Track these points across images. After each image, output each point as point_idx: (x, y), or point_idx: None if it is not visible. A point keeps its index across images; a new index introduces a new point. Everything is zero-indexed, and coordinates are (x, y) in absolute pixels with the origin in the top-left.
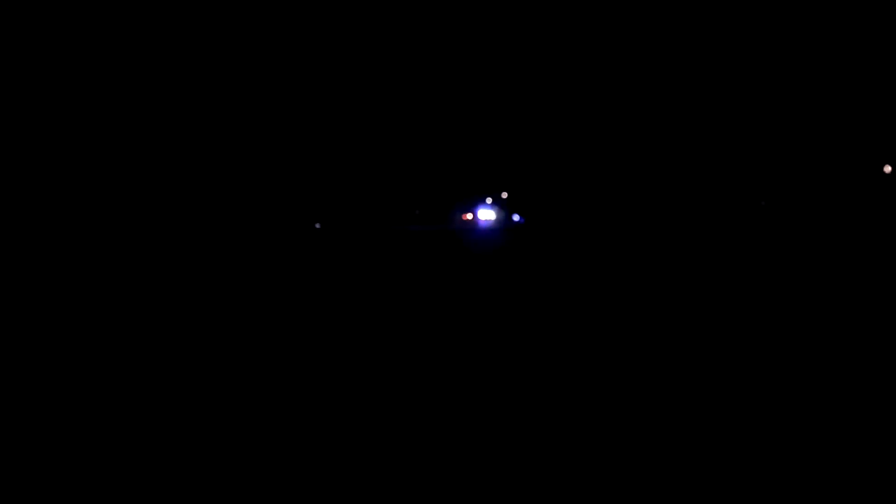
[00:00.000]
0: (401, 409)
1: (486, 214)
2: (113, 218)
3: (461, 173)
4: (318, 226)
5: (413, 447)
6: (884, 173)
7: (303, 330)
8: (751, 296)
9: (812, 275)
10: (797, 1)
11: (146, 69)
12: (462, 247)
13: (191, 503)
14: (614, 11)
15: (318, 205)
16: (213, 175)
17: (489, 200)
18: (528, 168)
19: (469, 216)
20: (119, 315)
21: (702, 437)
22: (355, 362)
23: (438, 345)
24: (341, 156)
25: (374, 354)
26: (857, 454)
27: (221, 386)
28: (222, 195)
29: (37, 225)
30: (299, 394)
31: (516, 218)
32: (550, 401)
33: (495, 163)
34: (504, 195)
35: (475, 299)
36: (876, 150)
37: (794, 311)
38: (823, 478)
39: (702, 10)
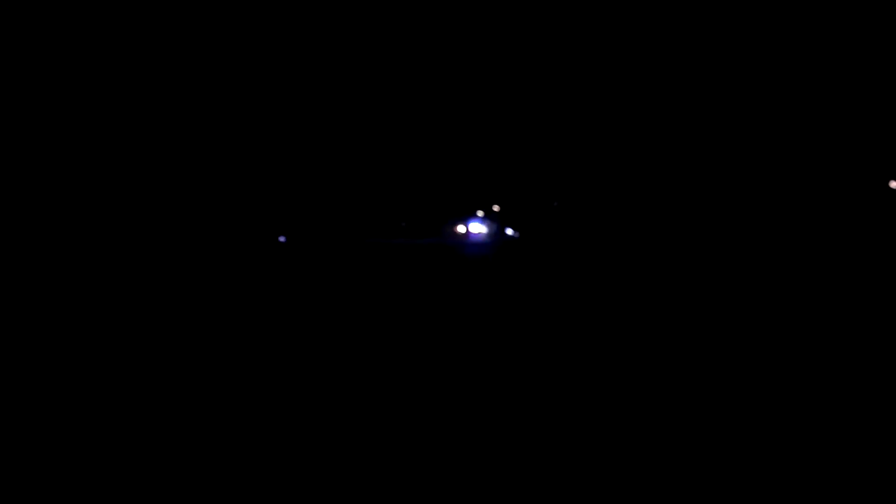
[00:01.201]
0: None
1: (478, 228)
2: (87, 222)
3: (451, 184)
4: (281, 239)
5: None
6: (890, 188)
7: (268, 358)
8: (749, 305)
9: (811, 279)
10: (799, 4)
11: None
12: (453, 263)
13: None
14: (609, 29)
15: (282, 213)
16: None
17: (480, 213)
18: (521, 181)
19: (462, 229)
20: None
21: (702, 438)
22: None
23: (419, 372)
24: (312, 156)
25: (345, 386)
26: (857, 454)
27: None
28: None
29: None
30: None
31: (510, 232)
32: (550, 417)
33: (487, 175)
34: (496, 208)
35: (464, 323)
36: (880, 160)
37: (795, 313)
38: (823, 478)
39: (700, 20)
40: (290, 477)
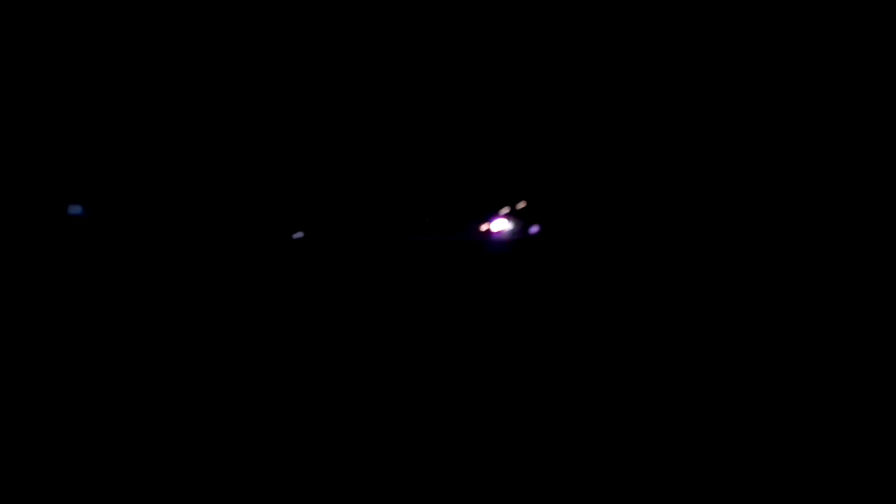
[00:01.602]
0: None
1: (502, 225)
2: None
3: (476, 180)
4: (298, 235)
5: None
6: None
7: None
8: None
9: (811, 279)
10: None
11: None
12: (476, 261)
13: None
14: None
15: (298, 207)
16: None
17: (505, 210)
18: (545, 178)
19: (488, 226)
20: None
21: (703, 438)
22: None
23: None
24: (330, 149)
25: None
26: (857, 454)
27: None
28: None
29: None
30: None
31: (535, 229)
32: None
33: (512, 172)
34: (522, 205)
35: (483, 323)
36: (880, 160)
37: (795, 312)
38: (823, 478)
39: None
40: (298, 473)
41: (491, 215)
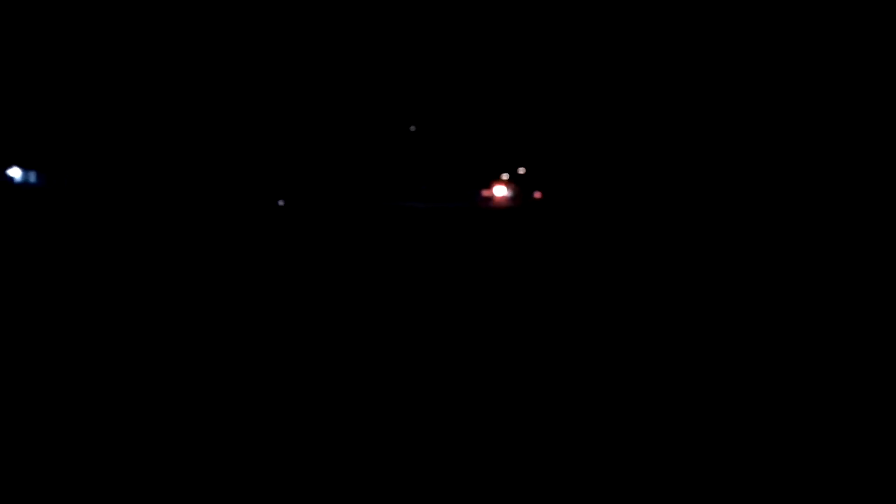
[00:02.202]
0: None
1: (502, 192)
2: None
3: (475, 146)
4: (281, 203)
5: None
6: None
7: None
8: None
9: (810, 278)
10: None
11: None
12: (475, 229)
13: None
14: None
15: (284, 175)
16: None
17: (505, 176)
18: (548, 142)
19: (490, 192)
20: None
21: (703, 438)
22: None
23: (432, 349)
24: (321, 113)
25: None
26: (857, 454)
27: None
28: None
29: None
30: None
31: (536, 195)
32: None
33: (512, 137)
34: (521, 171)
35: (482, 296)
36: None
37: (795, 312)
38: (823, 478)
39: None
40: (293, 464)
41: (491, 181)
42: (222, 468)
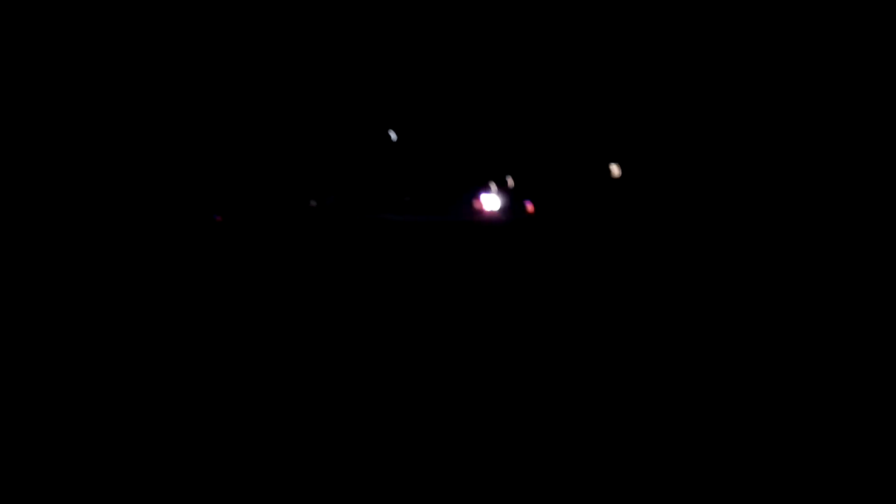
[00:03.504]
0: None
1: (489, 200)
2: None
3: (461, 154)
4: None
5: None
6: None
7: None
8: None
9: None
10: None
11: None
12: (463, 243)
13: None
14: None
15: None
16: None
17: (493, 186)
18: (538, 149)
19: (480, 203)
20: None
21: (703, 437)
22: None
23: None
24: (305, 119)
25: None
26: (857, 454)
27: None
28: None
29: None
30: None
31: (528, 204)
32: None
33: (499, 144)
34: (510, 180)
35: (472, 314)
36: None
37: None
38: (823, 478)
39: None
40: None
41: (479, 191)
42: (216, 470)
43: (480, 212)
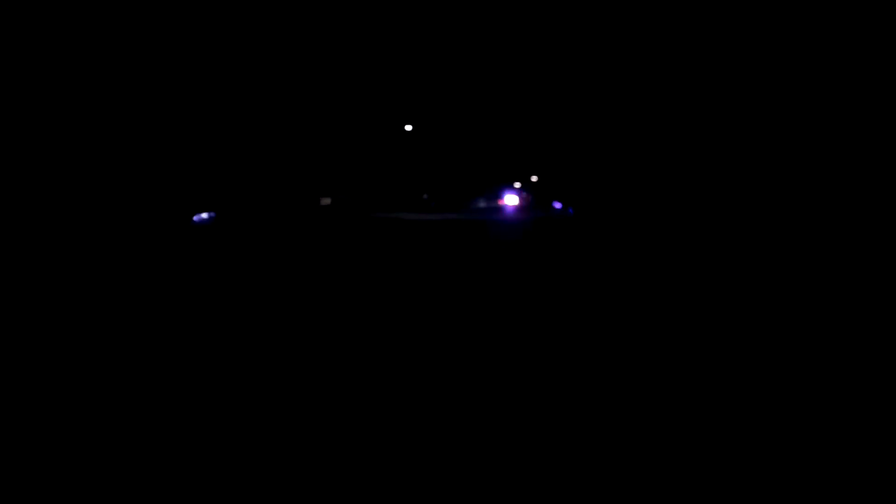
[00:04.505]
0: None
1: (512, 200)
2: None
3: (483, 152)
4: (204, 216)
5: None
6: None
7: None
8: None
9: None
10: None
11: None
12: (481, 243)
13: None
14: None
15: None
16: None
17: (517, 185)
18: (565, 147)
19: (504, 201)
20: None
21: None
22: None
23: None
24: (316, 118)
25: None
26: (857, 454)
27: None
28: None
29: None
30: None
31: (557, 206)
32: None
33: (522, 141)
34: (534, 178)
35: (491, 315)
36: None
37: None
38: (823, 478)
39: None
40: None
41: (501, 190)
42: (214, 467)
43: (502, 210)
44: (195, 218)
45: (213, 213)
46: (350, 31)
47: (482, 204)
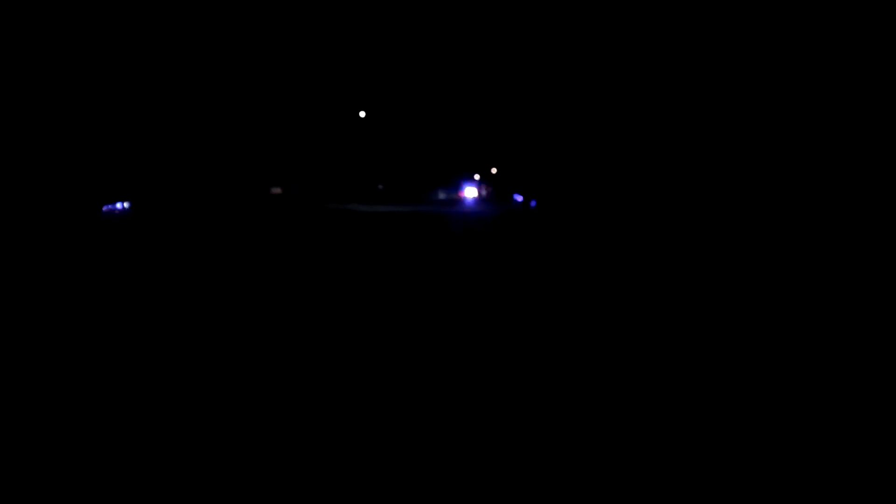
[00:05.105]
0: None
1: (472, 192)
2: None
3: (440, 142)
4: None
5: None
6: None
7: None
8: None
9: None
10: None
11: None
12: (439, 236)
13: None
14: None
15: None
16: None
17: (477, 177)
18: (526, 138)
19: (464, 193)
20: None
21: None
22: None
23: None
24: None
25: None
26: (857, 454)
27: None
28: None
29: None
30: None
31: (518, 199)
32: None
33: (481, 132)
34: (493, 171)
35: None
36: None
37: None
38: (823, 478)
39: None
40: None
41: (460, 182)
42: (208, 471)
43: (462, 202)
44: (106, 208)
45: (126, 204)
46: (303, 17)
47: (441, 196)
